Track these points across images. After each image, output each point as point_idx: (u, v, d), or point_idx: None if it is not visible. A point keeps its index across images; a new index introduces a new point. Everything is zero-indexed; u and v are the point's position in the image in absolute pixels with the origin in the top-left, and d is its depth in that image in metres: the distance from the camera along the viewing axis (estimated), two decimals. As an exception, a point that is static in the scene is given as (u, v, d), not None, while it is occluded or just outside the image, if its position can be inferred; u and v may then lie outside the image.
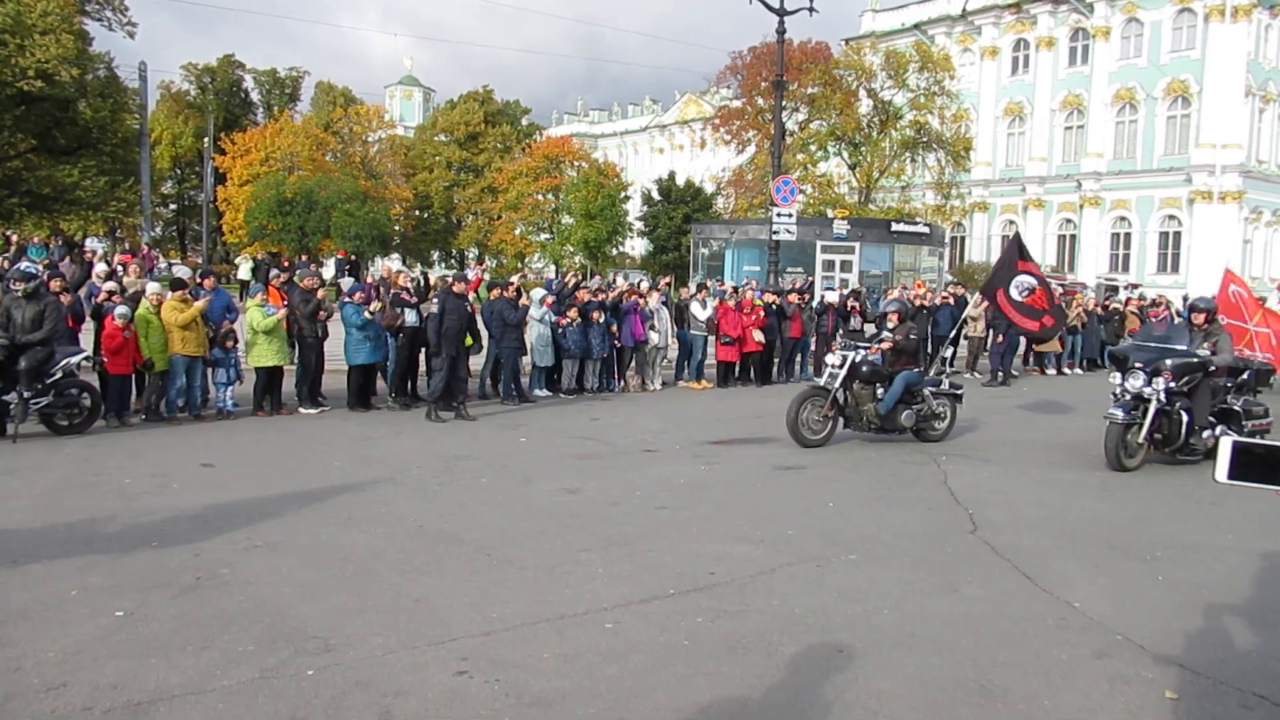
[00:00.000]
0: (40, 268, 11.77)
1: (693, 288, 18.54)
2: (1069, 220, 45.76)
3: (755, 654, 4.63)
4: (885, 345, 10.69)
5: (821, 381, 10.87)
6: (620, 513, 7.42)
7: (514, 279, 16.51)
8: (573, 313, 14.32)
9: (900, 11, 51.33)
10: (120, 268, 15.90)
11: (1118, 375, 9.71)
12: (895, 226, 33.08)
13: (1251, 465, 2.07)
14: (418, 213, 57.49)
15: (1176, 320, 21.18)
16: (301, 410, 11.99)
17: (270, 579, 5.56)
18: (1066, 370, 20.62)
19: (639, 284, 16.89)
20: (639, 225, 48.20)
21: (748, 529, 7.01)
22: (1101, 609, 5.39)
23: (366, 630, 4.79)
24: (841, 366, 10.50)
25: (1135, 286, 34.53)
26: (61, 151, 37.23)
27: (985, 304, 15.13)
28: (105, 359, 10.71)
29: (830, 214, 34.54)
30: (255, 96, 65.30)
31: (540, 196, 51.69)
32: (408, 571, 5.79)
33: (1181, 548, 6.77)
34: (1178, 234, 41.81)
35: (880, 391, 10.55)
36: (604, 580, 5.71)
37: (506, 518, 7.19)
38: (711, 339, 16.44)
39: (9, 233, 30.16)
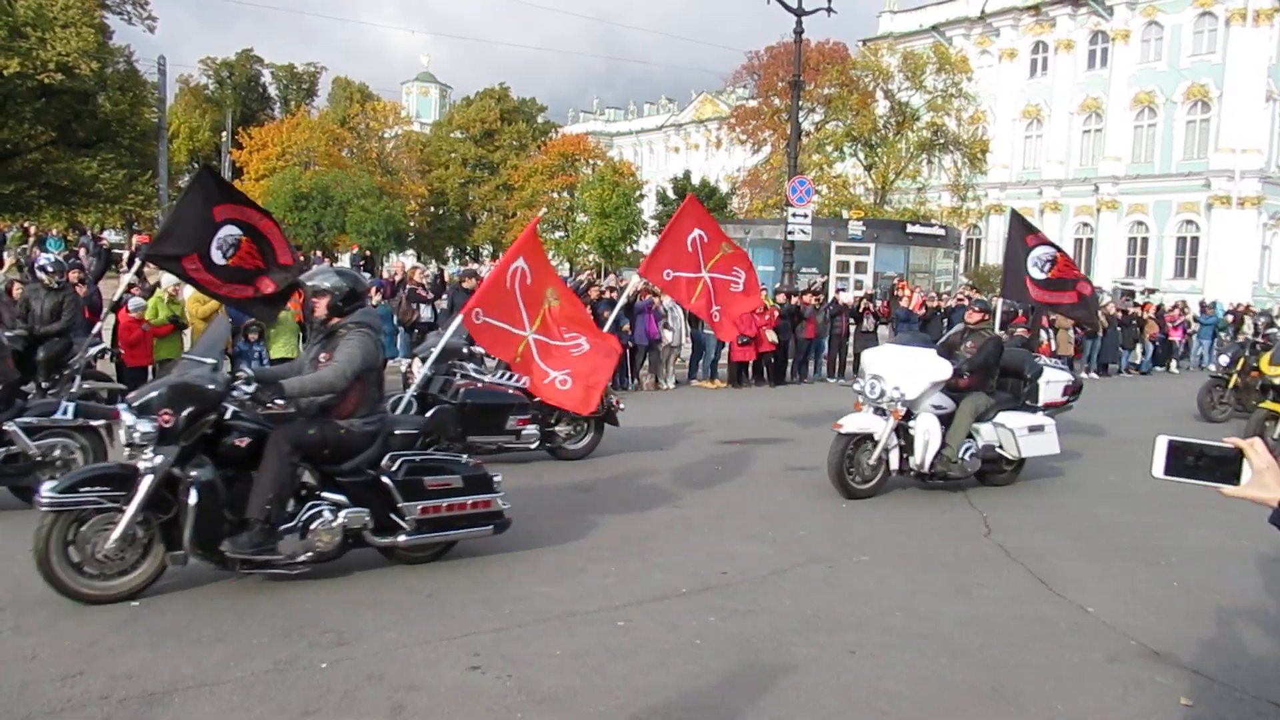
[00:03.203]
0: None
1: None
2: (1086, 224, 45.50)
3: (766, 653, 4.63)
4: None
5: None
6: (632, 511, 7.42)
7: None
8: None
9: (918, 13, 51.12)
10: (138, 249, 16.01)
11: None
12: (911, 228, 33.02)
13: (1185, 463, 2.15)
14: (433, 209, 57.64)
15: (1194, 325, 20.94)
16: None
17: (284, 572, 5.57)
18: (1082, 375, 20.51)
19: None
20: (654, 224, 48.16)
21: (760, 529, 7.01)
22: (1115, 613, 5.37)
23: (379, 624, 4.81)
24: None
25: (1152, 291, 34.34)
26: (81, 144, 37.47)
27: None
28: (123, 351, 10.79)
29: (846, 215, 34.48)
30: (273, 91, 65.74)
31: (555, 194, 51.73)
32: (420, 567, 5.81)
33: (1196, 553, 6.73)
34: (1195, 239, 41.49)
35: None
36: (616, 578, 5.72)
37: (519, 515, 7.18)
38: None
39: (27, 224, 30.38)
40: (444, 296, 13.08)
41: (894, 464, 8.11)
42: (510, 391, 7.02)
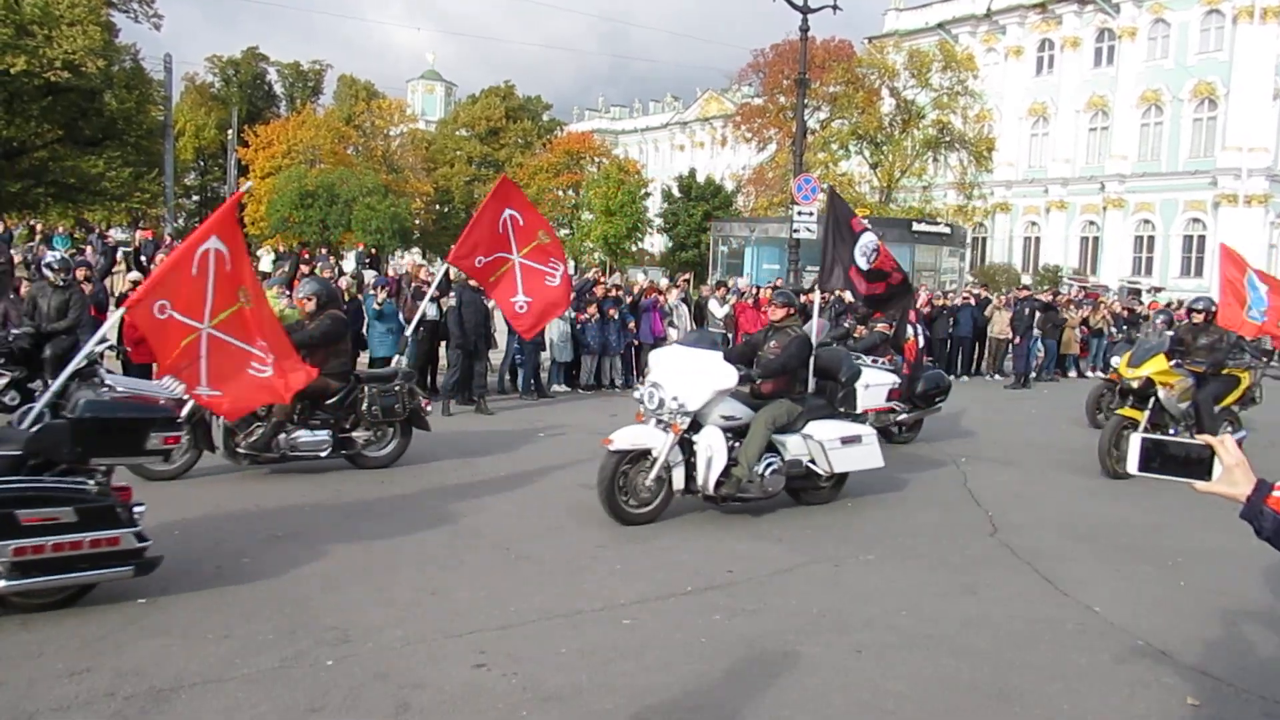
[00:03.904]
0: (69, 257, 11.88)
1: (712, 285, 18.55)
2: (1092, 222, 45.39)
3: (772, 653, 4.63)
4: None
5: None
6: (638, 509, 7.41)
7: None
8: (592, 309, 14.34)
9: (924, 10, 51.00)
10: (142, 244, 16.02)
11: None
12: (916, 226, 32.92)
13: (1158, 458, 2.24)
14: (438, 207, 57.70)
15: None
16: (322, 402, 11.98)
17: (290, 570, 5.59)
18: (1089, 374, 20.48)
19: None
20: (659, 222, 48.18)
21: (765, 527, 7.01)
22: (1122, 613, 5.35)
23: (385, 622, 4.82)
24: None
25: (1158, 290, 34.26)
26: (87, 142, 37.52)
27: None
28: (129, 349, 10.80)
29: (851, 213, 34.36)
30: (278, 89, 65.86)
31: (560, 192, 51.76)
32: (426, 565, 5.81)
33: (1203, 553, 6.71)
34: (1202, 238, 41.35)
35: None
36: (621, 576, 5.72)
37: (525, 513, 7.20)
38: (730, 336, 16.43)
39: (34, 222, 30.44)
40: (450, 294, 13.07)
41: (678, 484, 7.02)
42: (161, 403, 5.62)
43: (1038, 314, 18.46)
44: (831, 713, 4.03)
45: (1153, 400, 9.35)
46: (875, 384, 8.56)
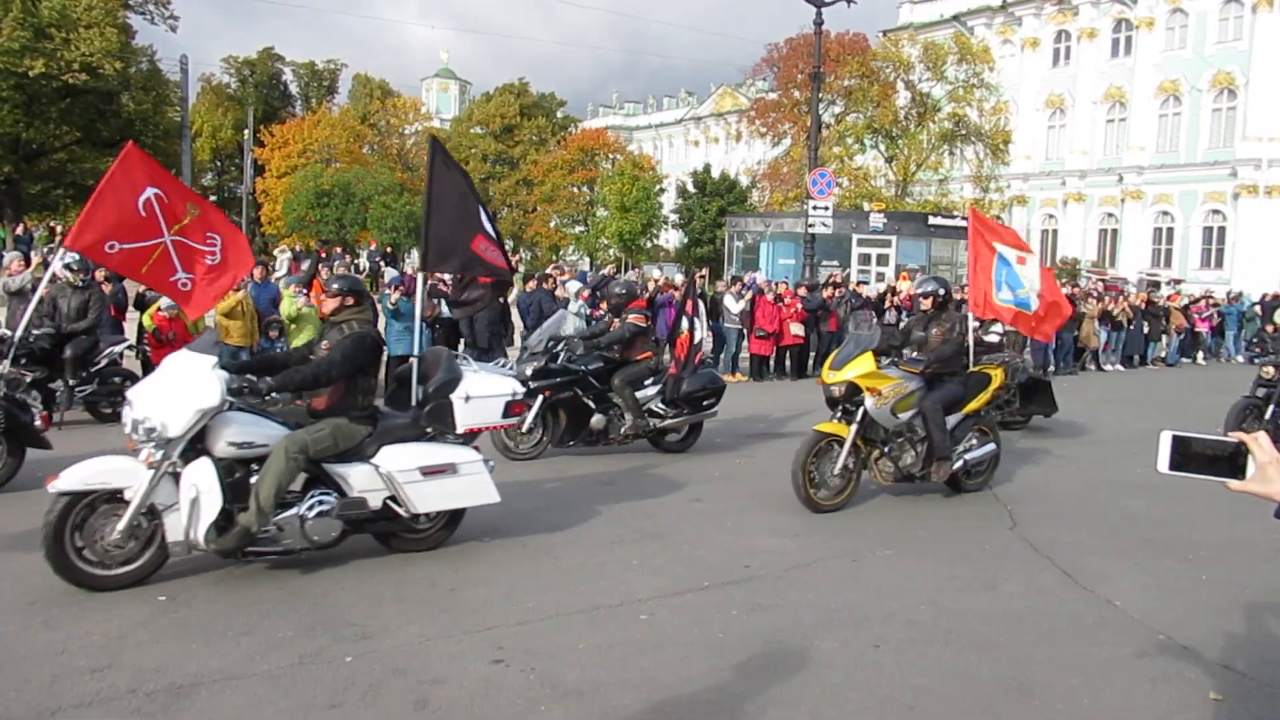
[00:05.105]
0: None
1: (727, 280, 18.52)
2: (1110, 214, 45.07)
3: (790, 648, 4.62)
4: None
5: None
6: (654, 505, 7.42)
7: (549, 270, 16.59)
8: (605, 305, 14.33)
9: (939, 3, 50.72)
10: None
11: None
12: (932, 220, 32.79)
13: (1190, 457, 2.21)
14: (454, 205, 57.82)
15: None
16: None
17: (308, 566, 5.62)
18: (1107, 367, 20.36)
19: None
20: (674, 218, 48.17)
21: (782, 522, 6.99)
22: (1143, 607, 5.31)
23: (403, 618, 4.83)
24: None
25: (1178, 282, 33.99)
26: (105, 143, 37.79)
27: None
28: (149, 348, 10.89)
29: (867, 207, 34.30)
30: (294, 89, 66.22)
31: (575, 189, 51.81)
32: (443, 561, 5.83)
33: (1224, 547, 6.65)
34: (1222, 229, 41.00)
35: None
36: (638, 572, 5.72)
37: (541, 509, 7.21)
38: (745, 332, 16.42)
39: (54, 224, 30.71)
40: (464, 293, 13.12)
41: (173, 534, 5.16)
42: None
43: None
44: (850, 708, 4.01)
45: (861, 411, 7.34)
46: (482, 395, 6.27)
